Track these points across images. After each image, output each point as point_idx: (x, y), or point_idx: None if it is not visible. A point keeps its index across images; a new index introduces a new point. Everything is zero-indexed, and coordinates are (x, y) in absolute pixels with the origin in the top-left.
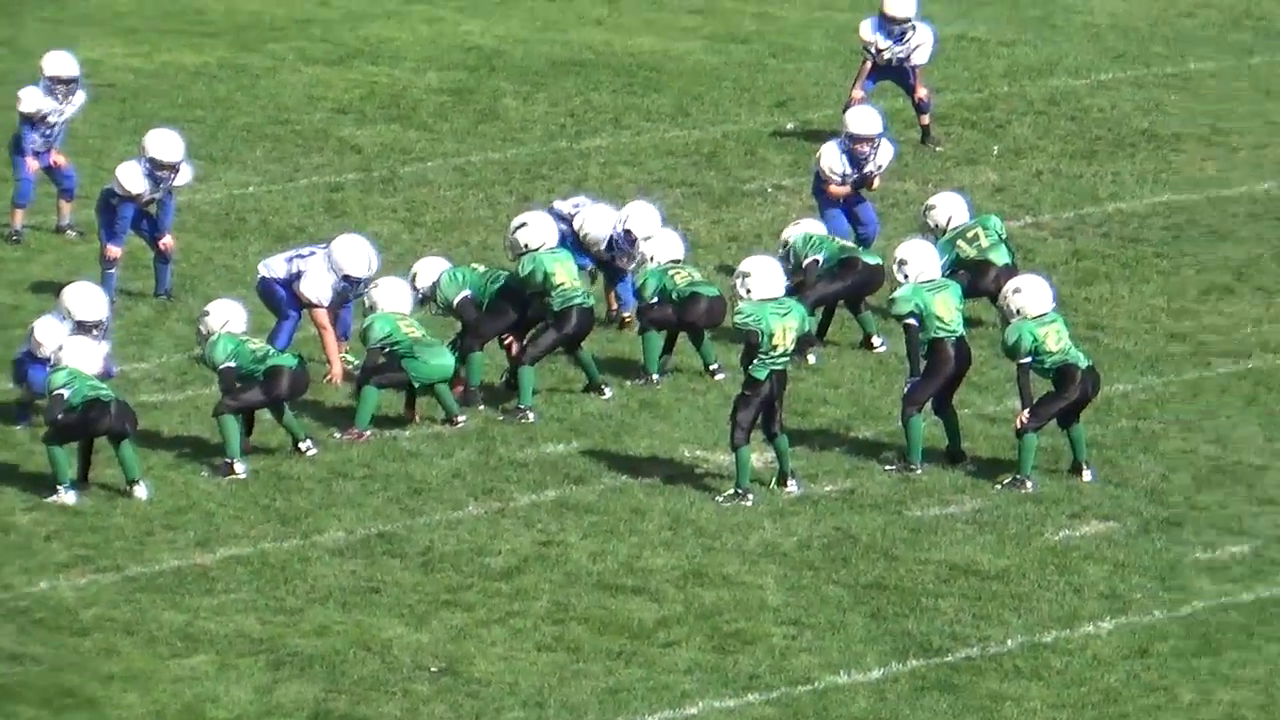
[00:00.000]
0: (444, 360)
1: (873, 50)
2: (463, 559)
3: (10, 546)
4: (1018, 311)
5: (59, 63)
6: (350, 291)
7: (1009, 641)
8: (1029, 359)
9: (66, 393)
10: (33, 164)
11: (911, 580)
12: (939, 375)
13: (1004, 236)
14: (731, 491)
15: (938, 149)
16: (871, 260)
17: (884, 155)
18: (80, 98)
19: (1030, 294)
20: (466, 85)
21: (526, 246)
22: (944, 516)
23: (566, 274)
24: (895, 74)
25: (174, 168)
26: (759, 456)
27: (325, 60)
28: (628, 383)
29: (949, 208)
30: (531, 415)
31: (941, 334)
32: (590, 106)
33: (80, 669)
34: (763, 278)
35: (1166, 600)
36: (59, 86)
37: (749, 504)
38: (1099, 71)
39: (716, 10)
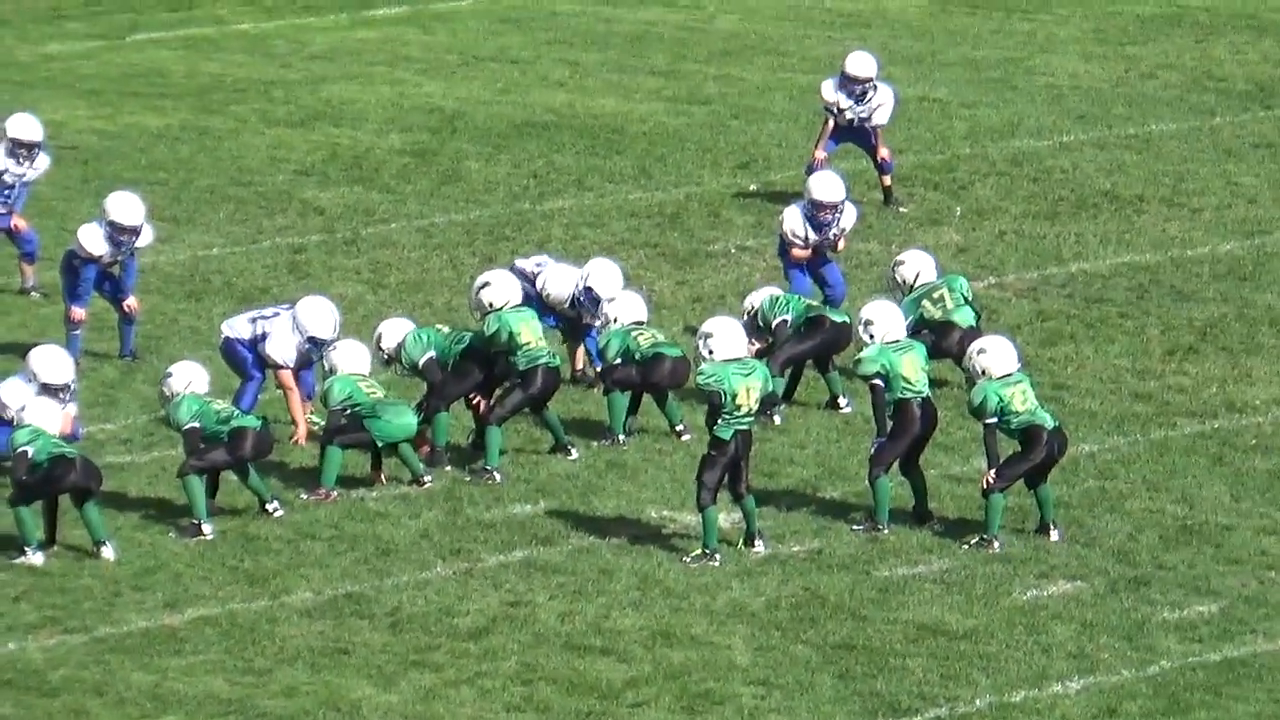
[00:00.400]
0: (406, 420)
1: (834, 110)
2: (431, 619)
3: None
4: (983, 372)
5: (22, 126)
6: (315, 352)
7: (977, 701)
8: (995, 419)
9: (30, 450)
10: None
11: (880, 640)
12: (905, 436)
13: (969, 298)
14: (699, 552)
15: (901, 210)
16: (838, 318)
17: (847, 219)
18: (43, 162)
19: (995, 354)
20: (429, 147)
21: (491, 305)
22: (912, 576)
23: (531, 333)
24: (857, 135)
25: (135, 230)
26: (726, 516)
27: (287, 122)
28: (594, 443)
29: (916, 265)
30: (498, 476)
31: (908, 394)
32: (553, 168)
33: None
34: (725, 338)
35: (1134, 660)
36: (20, 150)
37: (716, 564)
38: (1061, 133)
39: (678, 73)
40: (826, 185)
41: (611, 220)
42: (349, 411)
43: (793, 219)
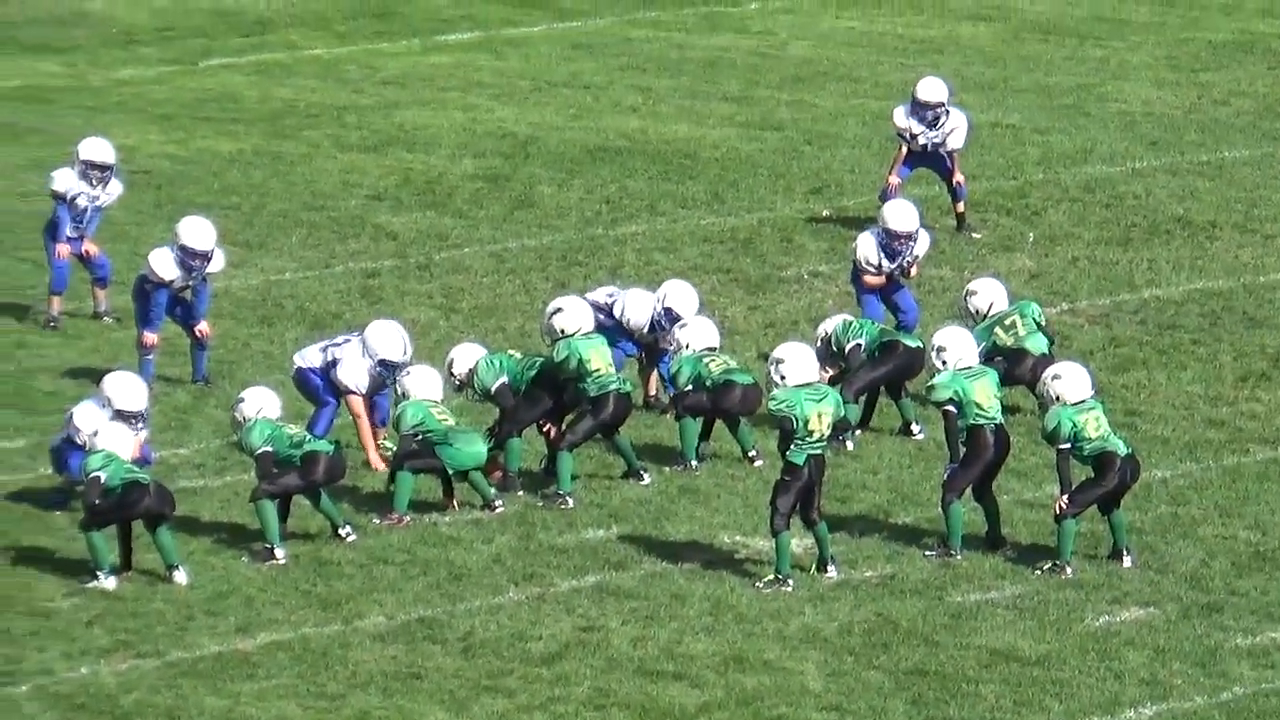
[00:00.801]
0: (477, 448)
1: (907, 136)
2: (503, 644)
3: (51, 632)
4: (1057, 398)
5: (95, 148)
6: (386, 377)
7: None
8: (1068, 445)
9: (103, 475)
10: (63, 250)
11: (952, 666)
12: (978, 462)
13: (1042, 324)
14: (771, 577)
15: (974, 236)
16: (912, 344)
17: (920, 246)
18: (116, 187)
19: (1069, 381)
20: (502, 172)
21: (563, 332)
22: (984, 602)
23: (601, 359)
24: (931, 160)
25: (206, 256)
26: (798, 542)
27: (360, 147)
28: (666, 469)
29: (989, 294)
30: (570, 501)
31: (980, 421)
32: (625, 193)
33: None
34: (796, 363)
35: (1207, 686)
36: (93, 172)
37: (789, 590)
38: (1134, 159)
39: (751, 98)
40: (901, 214)
41: (684, 245)
42: (420, 437)
43: (866, 246)
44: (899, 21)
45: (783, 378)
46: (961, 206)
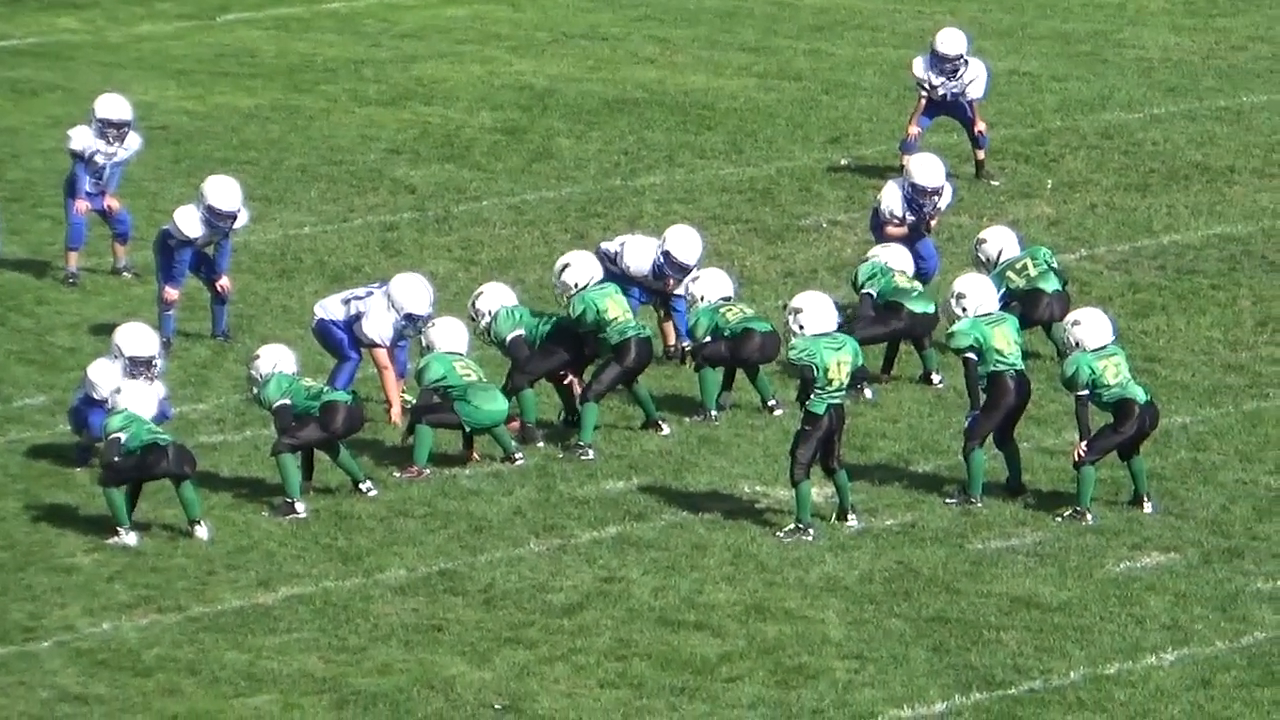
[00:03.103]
0: (497, 405)
1: (926, 86)
2: (524, 596)
3: (73, 588)
4: (1077, 344)
5: (111, 105)
6: (409, 329)
7: (1071, 674)
8: (1087, 391)
9: (123, 436)
10: (82, 206)
11: (973, 613)
12: (999, 409)
13: (1054, 266)
14: (792, 526)
15: (993, 183)
16: (918, 308)
17: (944, 200)
18: (134, 141)
19: (1090, 327)
20: (520, 124)
21: (576, 286)
22: (1005, 549)
23: (618, 307)
24: (951, 109)
25: (232, 215)
26: (819, 491)
27: (378, 101)
28: (686, 419)
29: (999, 241)
30: (591, 452)
31: (1001, 367)
32: (644, 144)
33: (144, 710)
34: (815, 313)
35: (1228, 631)
36: (110, 130)
37: (810, 539)
38: (1151, 105)
39: (768, 48)
40: (928, 169)
41: (703, 196)
42: (441, 391)
43: (891, 198)
44: None
45: (801, 327)
46: (982, 154)
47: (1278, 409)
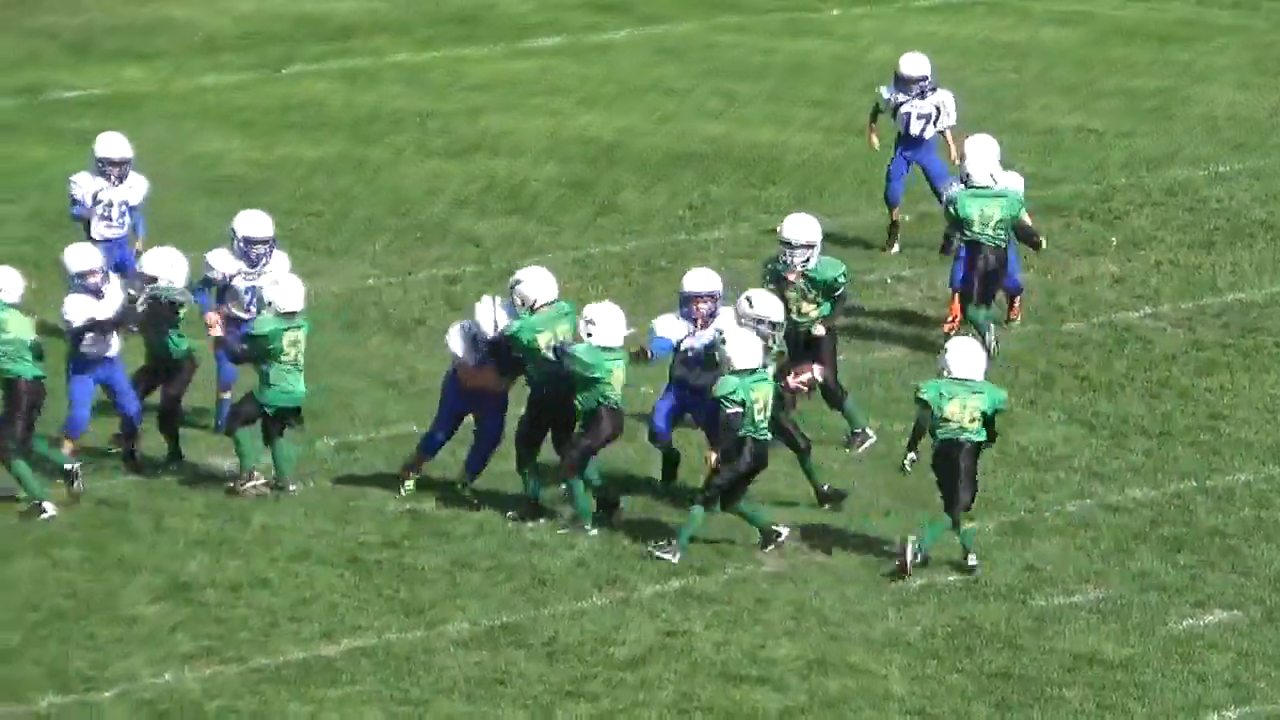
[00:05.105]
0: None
1: (890, 107)
2: (587, 649)
3: (135, 638)
4: (941, 370)
5: (109, 144)
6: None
7: None
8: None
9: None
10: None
11: (1036, 670)
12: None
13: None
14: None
15: (892, 250)
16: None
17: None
18: (137, 181)
19: (957, 356)
20: (585, 177)
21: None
22: (1068, 606)
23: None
24: (923, 158)
25: (266, 241)
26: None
27: (445, 153)
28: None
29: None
30: (590, 528)
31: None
32: (709, 198)
33: None
34: (606, 325)
35: None
36: (110, 169)
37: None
38: (1217, 162)
39: (835, 102)
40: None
41: (767, 250)
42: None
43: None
44: (982, 26)
45: (590, 335)
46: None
47: None
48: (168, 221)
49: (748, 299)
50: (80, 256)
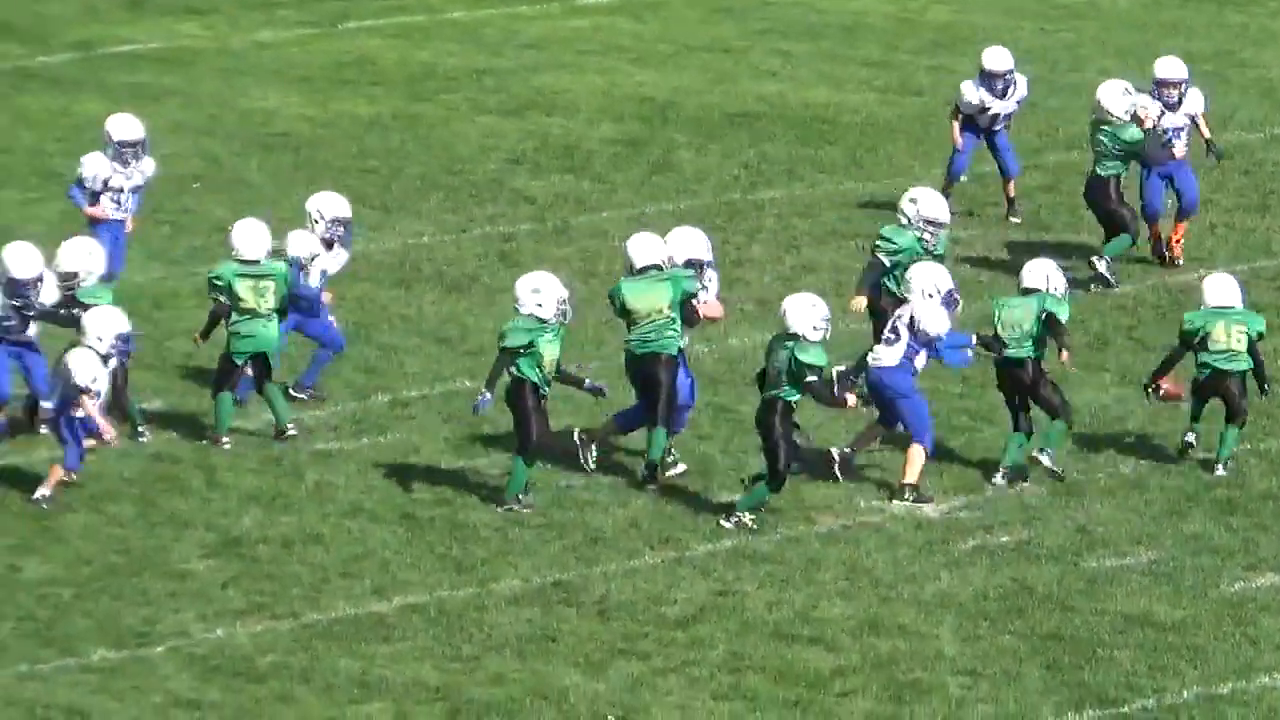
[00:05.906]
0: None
1: (975, 110)
2: (639, 608)
3: (188, 593)
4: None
5: (124, 126)
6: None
7: (1185, 693)
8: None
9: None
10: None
11: (1087, 631)
12: None
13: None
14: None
15: (1013, 220)
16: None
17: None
18: (149, 164)
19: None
20: (640, 136)
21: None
22: (1120, 567)
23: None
24: (990, 139)
25: (346, 222)
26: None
27: (499, 111)
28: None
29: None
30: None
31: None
32: (764, 158)
33: (257, 716)
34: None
35: None
36: (126, 150)
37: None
38: (1273, 125)
39: (890, 63)
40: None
41: (822, 210)
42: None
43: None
44: None
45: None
46: (1012, 190)
47: None
48: (223, 178)
49: (911, 199)
50: (21, 262)
